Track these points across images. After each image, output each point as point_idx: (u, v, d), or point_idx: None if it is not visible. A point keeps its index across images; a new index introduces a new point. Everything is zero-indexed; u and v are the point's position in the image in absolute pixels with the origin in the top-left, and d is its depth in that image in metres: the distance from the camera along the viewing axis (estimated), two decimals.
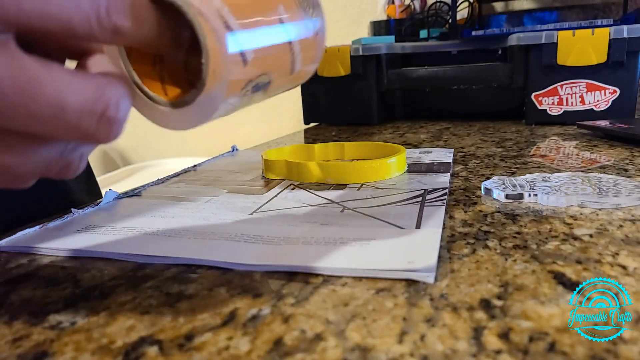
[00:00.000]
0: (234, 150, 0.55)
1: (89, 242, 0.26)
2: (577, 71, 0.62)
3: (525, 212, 0.29)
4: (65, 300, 0.20)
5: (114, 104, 0.16)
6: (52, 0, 0.14)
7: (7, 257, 0.25)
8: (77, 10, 0.14)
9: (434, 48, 0.76)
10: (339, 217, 0.29)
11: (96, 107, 0.15)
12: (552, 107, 0.64)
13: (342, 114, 0.77)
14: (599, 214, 0.28)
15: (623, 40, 0.59)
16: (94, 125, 0.16)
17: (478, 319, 0.17)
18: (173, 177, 0.43)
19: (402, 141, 0.58)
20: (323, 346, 0.16)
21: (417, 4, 0.99)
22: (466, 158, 0.46)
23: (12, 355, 0.17)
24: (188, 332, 0.17)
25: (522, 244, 0.24)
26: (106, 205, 0.34)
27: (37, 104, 0.15)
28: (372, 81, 0.75)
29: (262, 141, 0.64)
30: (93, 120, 0.16)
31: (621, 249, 0.23)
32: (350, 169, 0.38)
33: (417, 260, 0.22)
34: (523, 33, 0.65)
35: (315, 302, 0.19)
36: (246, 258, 0.23)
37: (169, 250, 0.25)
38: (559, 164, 0.41)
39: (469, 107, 0.78)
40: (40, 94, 0.15)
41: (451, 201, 0.32)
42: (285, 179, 0.39)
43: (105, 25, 0.15)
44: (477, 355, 0.15)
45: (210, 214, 0.30)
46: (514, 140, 0.55)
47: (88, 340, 0.17)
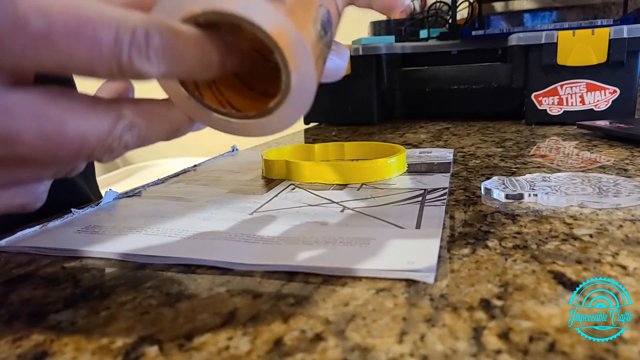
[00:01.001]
0: (234, 150, 0.55)
1: (89, 242, 0.26)
2: (577, 71, 0.62)
3: (525, 212, 0.29)
4: (65, 300, 0.20)
5: (125, 136, 0.16)
6: (68, 50, 0.14)
7: (7, 257, 0.25)
8: (99, 59, 0.14)
9: (434, 48, 0.76)
10: (339, 217, 0.29)
11: (109, 139, 0.16)
12: (552, 107, 0.64)
13: (342, 114, 0.77)
14: (599, 214, 0.28)
15: (623, 40, 0.59)
16: (103, 154, 0.16)
17: (478, 319, 0.17)
18: (173, 177, 0.43)
19: (402, 141, 0.58)
20: (323, 346, 0.16)
21: (417, 4, 0.99)
22: (466, 158, 0.46)
23: (12, 355, 0.17)
24: (188, 332, 0.17)
25: (522, 244, 0.24)
26: (106, 205, 0.34)
27: (62, 149, 0.15)
28: (372, 81, 0.75)
29: (262, 141, 0.64)
30: (103, 150, 0.16)
31: (621, 249, 0.23)
32: (350, 169, 0.38)
33: (417, 260, 0.22)
34: (523, 33, 0.65)
35: (315, 302, 0.19)
36: (246, 258, 0.23)
37: (169, 250, 0.25)
38: (559, 164, 0.41)
39: (469, 107, 0.78)
40: (65, 140, 0.15)
41: (451, 201, 0.32)
42: (285, 179, 0.39)
43: (129, 72, 0.15)
44: (477, 355, 0.15)
45: (210, 214, 0.30)
46: (514, 140, 0.55)
47: (88, 340, 0.17)
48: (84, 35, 0.14)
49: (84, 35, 0.14)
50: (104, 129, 0.16)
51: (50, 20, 0.13)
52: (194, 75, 0.17)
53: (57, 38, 0.13)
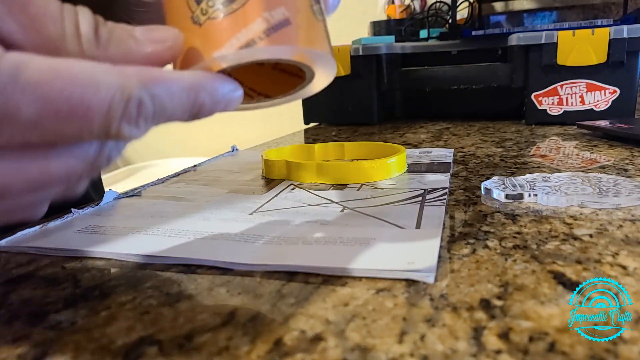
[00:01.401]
0: (234, 150, 0.55)
1: (89, 242, 0.26)
2: (577, 71, 0.62)
3: (525, 212, 0.29)
4: (65, 300, 0.20)
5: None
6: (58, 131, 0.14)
7: (7, 257, 0.25)
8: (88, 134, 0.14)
9: (434, 48, 0.76)
10: (339, 217, 0.29)
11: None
12: (552, 107, 0.64)
13: (342, 114, 0.77)
14: (599, 214, 0.28)
15: (623, 40, 0.59)
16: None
17: (478, 319, 0.17)
18: (173, 177, 0.43)
19: (402, 141, 0.58)
20: (323, 346, 0.16)
21: (417, 4, 0.99)
22: (466, 158, 0.46)
23: (12, 355, 0.17)
24: (188, 332, 0.17)
25: (522, 244, 0.24)
26: (106, 205, 0.34)
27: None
28: (372, 81, 0.75)
29: (262, 141, 0.64)
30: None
31: (621, 249, 0.23)
32: (350, 169, 0.38)
33: (417, 260, 0.22)
34: (523, 33, 0.65)
35: (315, 302, 0.19)
36: (246, 258, 0.23)
37: (169, 250, 0.25)
38: (559, 164, 0.41)
39: (469, 107, 0.78)
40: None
41: (451, 201, 0.32)
42: (285, 179, 0.39)
43: (115, 138, 0.14)
44: (477, 355, 0.15)
45: (210, 214, 0.30)
46: (514, 140, 0.55)
47: (88, 340, 0.17)
48: (75, 117, 0.13)
49: (76, 116, 0.13)
50: (89, 155, 0.15)
51: (41, 110, 0.13)
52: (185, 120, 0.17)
53: (48, 124, 0.13)
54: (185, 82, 0.16)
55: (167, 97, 0.15)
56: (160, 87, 0.15)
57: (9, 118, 0.13)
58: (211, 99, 0.16)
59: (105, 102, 0.14)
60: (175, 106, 0.15)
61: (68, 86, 0.13)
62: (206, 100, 0.16)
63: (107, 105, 0.14)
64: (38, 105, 0.13)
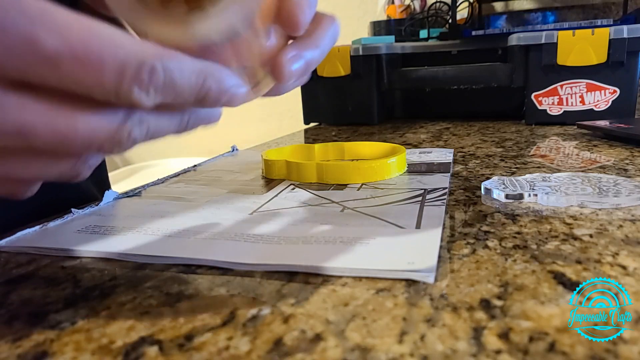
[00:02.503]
0: (234, 150, 0.55)
1: (89, 242, 0.26)
2: (577, 71, 0.62)
3: (525, 212, 0.29)
4: (65, 300, 0.20)
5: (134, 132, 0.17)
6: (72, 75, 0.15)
7: (7, 257, 0.25)
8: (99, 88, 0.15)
9: (434, 48, 0.76)
10: (339, 217, 0.29)
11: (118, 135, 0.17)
12: (552, 107, 0.64)
13: (342, 114, 0.77)
14: (599, 214, 0.28)
15: (623, 40, 0.59)
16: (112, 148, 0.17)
17: (478, 319, 0.17)
18: (173, 177, 0.43)
19: (402, 141, 0.58)
20: (323, 346, 0.16)
21: (417, 4, 0.99)
22: (466, 158, 0.46)
23: (12, 355, 0.17)
24: (188, 332, 0.17)
25: (522, 244, 0.24)
26: (106, 205, 0.34)
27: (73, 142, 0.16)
28: (372, 81, 0.75)
29: (262, 141, 0.64)
30: (112, 144, 0.17)
31: (621, 249, 0.23)
32: (350, 169, 0.38)
33: (417, 260, 0.22)
34: (523, 33, 0.65)
35: (315, 302, 0.19)
36: (246, 258, 0.23)
37: (169, 250, 0.25)
38: (559, 164, 0.41)
39: (469, 107, 0.78)
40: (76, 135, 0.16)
41: (451, 201, 0.32)
42: (285, 179, 0.39)
43: (125, 101, 0.15)
44: (477, 355, 0.15)
45: (210, 214, 0.30)
46: (514, 140, 0.55)
47: (88, 340, 0.17)
48: (89, 65, 0.14)
49: (90, 65, 0.14)
50: (113, 125, 0.16)
51: (60, 46, 0.14)
52: (186, 106, 0.18)
53: (64, 63, 0.14)
54: (196, 65, 0.17)
55: (178, 72, 0.16)
56: (174, 62, 0.16)
57: (31, 46, 0.14)
58: (217, 86, 0.17)
59: (120, 61, 0.15)
60: (184, 84, 0.16)
61: (89, 36, 0.14)
62: (213, 86, 0.17)
63: (120, 64, 0.15)
64: (58, 41, 0.14)
